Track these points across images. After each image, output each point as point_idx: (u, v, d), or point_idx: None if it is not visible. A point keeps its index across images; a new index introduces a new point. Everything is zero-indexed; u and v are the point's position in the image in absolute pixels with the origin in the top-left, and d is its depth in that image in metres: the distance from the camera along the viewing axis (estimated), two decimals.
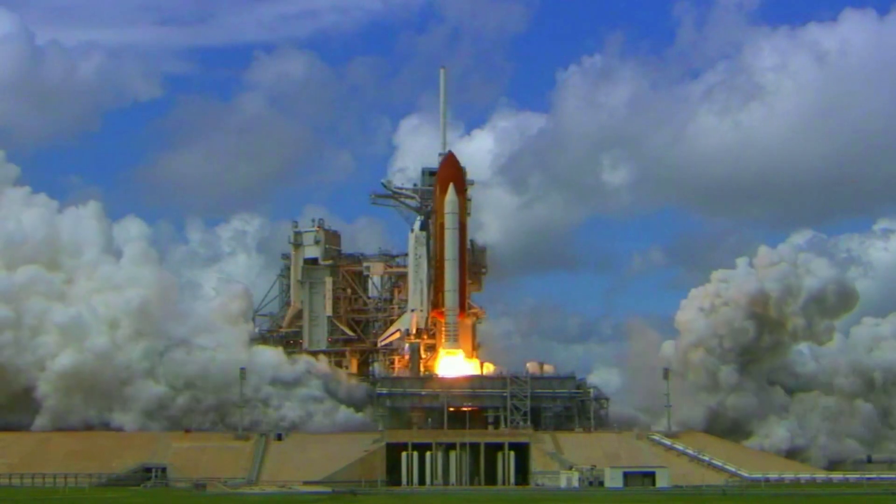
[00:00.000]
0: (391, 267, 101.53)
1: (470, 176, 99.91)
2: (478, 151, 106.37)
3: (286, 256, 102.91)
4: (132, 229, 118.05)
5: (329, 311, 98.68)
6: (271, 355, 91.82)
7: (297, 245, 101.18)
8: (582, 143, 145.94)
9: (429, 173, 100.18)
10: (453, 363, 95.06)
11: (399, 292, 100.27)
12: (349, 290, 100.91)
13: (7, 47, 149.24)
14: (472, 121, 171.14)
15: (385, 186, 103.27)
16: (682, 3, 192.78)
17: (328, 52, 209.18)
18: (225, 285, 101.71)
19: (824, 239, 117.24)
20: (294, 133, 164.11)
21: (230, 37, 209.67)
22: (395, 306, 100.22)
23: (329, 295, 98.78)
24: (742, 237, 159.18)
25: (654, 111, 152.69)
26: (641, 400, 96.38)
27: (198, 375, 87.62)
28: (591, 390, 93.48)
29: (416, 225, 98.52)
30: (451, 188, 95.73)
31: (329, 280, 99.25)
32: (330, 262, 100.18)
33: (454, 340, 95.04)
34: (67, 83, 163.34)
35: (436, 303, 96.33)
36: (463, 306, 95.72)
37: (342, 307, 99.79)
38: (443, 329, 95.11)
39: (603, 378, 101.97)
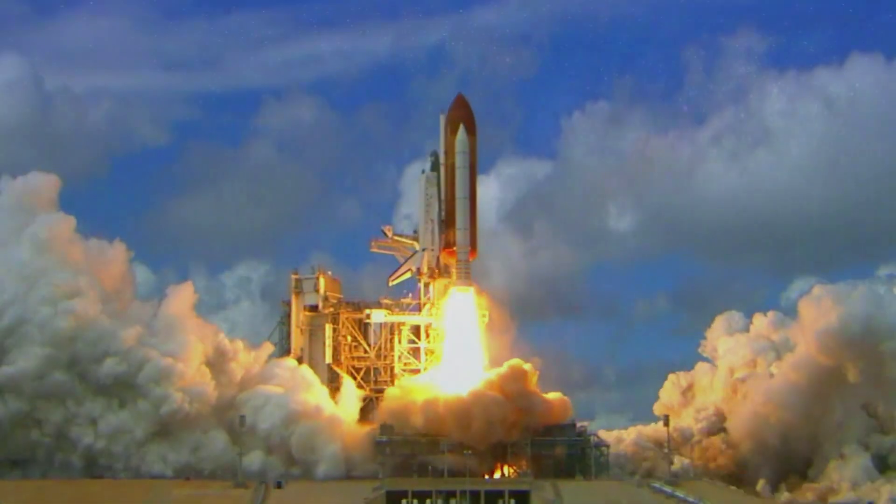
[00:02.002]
0: (393, 313, 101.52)
1: None
2: (482, 198, 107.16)
3: (287, 303, 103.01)
4: (138, 276, 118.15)
5: (329, 359, 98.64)
6: None
7: (298, 292, 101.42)
8: (588, 189, 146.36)
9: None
10: (463, 300, 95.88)
11: (400, 340, 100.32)
12: (350, 338, 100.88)
13: (16, 93, 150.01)
14: (478, 167, 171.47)
15: (384, 234, 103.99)
16: (690, 47, 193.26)
17: (334, 98, 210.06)
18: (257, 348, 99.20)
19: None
20: (300, 179, 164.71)
21: (236, 83, 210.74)
22: (397, 353, 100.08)
23: (329, 342, 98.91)
24: (746, 284, 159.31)
25: (661, 157, 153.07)
26: None
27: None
28: (592, 437, 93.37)
29: (428, 165, 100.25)
30: (461, 128, 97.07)
31: (329, 327, 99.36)
32: (330, 309, 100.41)
33: (465, 278, 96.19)
34: (76, 129, 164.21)
35: (447, 243, 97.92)
36: (473, 246, 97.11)
37: (342, 355, 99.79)
38: (454, 268, 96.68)
39: (605, 425, 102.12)
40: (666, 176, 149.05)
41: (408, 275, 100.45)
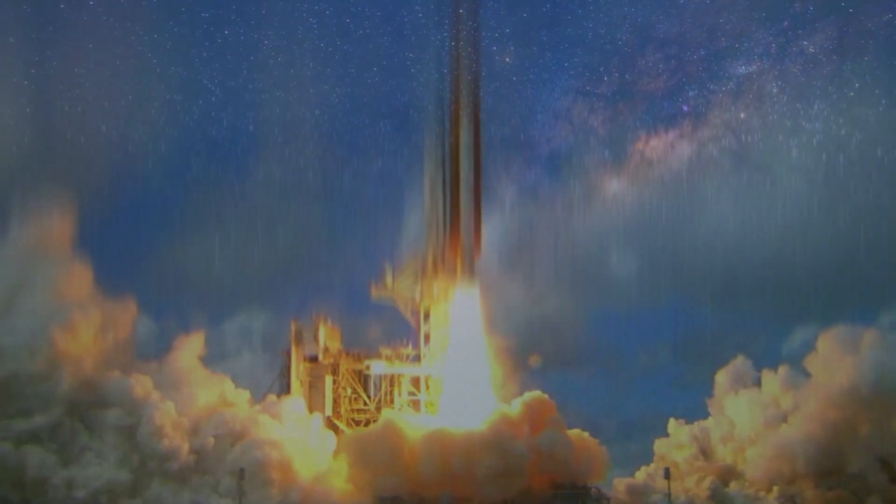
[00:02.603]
0: (392, 364, 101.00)
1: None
2: (483, 242, 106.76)
3: (287, 353, 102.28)
4: (141, 328, 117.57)
5: (328, 412, 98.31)
6: None
7: (298, 342, 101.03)
8: (590, 233, 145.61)
9: None
10: (467, 302, 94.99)
11: (399, 392, 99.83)
12: (349, 390, 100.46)
13: (12, 127, 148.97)
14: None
15: (384, 277, 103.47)
16: (687, 85, 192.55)
17: (334, 137, 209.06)
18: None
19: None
20: (302, 224, 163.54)
21: (236, 119, 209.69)
22: (396, 406, 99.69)
23: (329, 394, 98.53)
24: (747, 332, 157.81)
25: (661, 200, 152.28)
26: None
27: None
28: (592, 490, 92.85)
29: (432, 163, 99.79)
30: (464, 124, 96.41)
31: (329, 379, 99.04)
32: (330, 360, 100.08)
33: (471, 277, 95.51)
34: (72, 167, 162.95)
35: (451, 241, 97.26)
36: (477, 245, 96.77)
37: (342, 407, 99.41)
38: (458, 267, 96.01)
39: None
40: (667, 220, 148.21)
41: (411, 275, 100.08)
